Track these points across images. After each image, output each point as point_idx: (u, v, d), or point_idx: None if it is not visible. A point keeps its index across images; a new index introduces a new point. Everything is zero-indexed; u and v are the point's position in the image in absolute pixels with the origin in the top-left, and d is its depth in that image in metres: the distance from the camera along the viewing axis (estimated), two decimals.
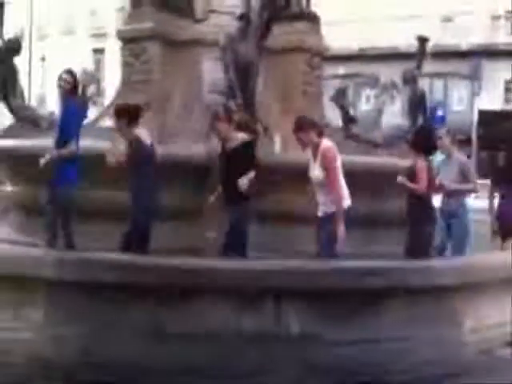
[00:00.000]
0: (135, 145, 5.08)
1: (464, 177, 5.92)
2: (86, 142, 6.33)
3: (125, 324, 3.47)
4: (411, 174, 5.39)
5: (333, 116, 8.85)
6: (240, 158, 5.11)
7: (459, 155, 6.14)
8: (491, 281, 4.14)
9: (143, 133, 5.19)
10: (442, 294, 3.92)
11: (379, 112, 9.12)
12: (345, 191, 4.92)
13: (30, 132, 6.97)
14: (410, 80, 7.97)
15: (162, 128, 6.94)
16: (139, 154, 5.05)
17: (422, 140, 5.54)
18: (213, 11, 7.44)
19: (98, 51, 25.06)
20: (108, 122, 7.73)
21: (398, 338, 3.74)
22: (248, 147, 5.17)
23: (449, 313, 3.95)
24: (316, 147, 4.90)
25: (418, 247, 5.17)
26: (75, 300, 3.52)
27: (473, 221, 6.10)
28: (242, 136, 5.26)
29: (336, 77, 16.37)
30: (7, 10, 7.62)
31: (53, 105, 19.48)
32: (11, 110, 7.57)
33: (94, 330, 3.49)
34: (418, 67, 8.02)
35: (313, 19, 7.64)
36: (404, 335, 3.76)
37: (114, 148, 5.25)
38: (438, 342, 3.80)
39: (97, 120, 7.89)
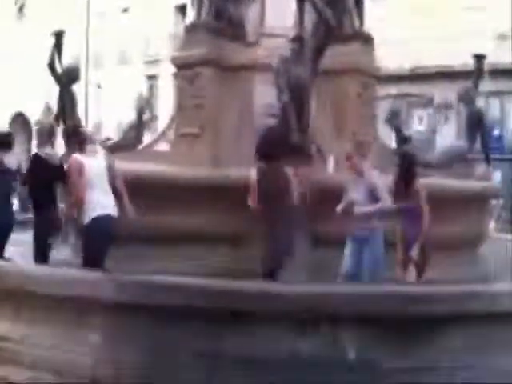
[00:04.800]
0: None
1: (374, 198, 5.27)
2: (139, 166, 6.45)
3: (183, 347, 3.46)
4: None
5: (386, 137, 8.75)
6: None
7: (370, 173, 5.41)
8: None
9: (7, 157, 5.87)
10: (502, 320, 3.76)
11: (433, 132, 8.95)
12: (91, 202, 5.21)
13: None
14: (466, 99, 7.78)
15: (215, 152, 7.00)
16: None
17: (262, 146, 5.20)
18: (265, 34, 7.48)
19: (152, 77, 25.64)
20: (162, 147, 7.88)
21: (458, 366, 3.60)
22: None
23: (509, 340, 3.78)
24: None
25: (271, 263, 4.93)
26: (133, 323, 3.54)
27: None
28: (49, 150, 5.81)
29: (388, 97, 16.18)
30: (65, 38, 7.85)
31: (109, 131, 19.97)
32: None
33: (152, 353, 3.49)
34: (475, 86, 7.82)
35: (366, 40, 7.58)
36: (464, 364, 3.62)
37: None
38: (497, 370, 3.64)
39: (151, 144, 8.03)
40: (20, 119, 27.33)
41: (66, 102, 7.69)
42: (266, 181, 5.05)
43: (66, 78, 7.63)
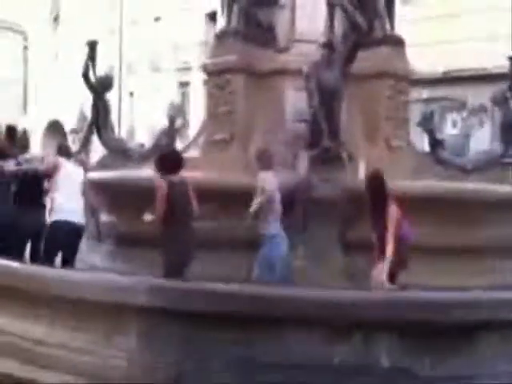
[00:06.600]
0: None
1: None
2: None
3: (216, 353, 3.47)
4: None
5: (419, 141, 8.64)
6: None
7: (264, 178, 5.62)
8: None
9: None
10: None
11: (467, 136, 8.81)
12: (56, 205, 5.65)
13: (122, 163, 7.24)
14: (501, 102, 7.64)
15: (247, 157, 7.01)
16: None
17: (161, 159, 5.34)
18: (296, 40, 7.48)
19: (184, 84, 25.87)
20: (194, 153, 7.93)
21: (494, 374, 3.53)
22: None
23: None
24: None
25: (168, 267, 4.99)
26: (167, 328, 3.56)
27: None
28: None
29: (421, 100, 16.01)
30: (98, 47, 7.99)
31: (142, 137, 20.20)
32: (103, 143, 7.92)
33: (186, 358, 3.51)
34: (510, 88, 7.67)
35: (397, 43, 7.52)
36: (501, 372, 3.55)
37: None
38: None
39: (183, 151, 8.09)
40: (55, 127, 27.86)
41: (100, 110, 7.81)
42: (174, 193, 5.13)
43: (100, 87, 7.75)
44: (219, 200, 5.83)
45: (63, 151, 6.31)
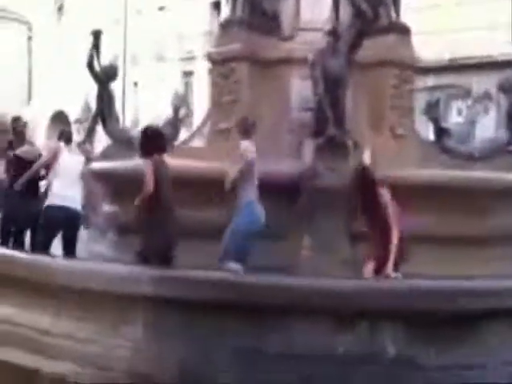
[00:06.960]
0: None
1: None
2: (178, 162, 6.50)
3: (221, 342, 3.48)
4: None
5: (425, 129, 8.60)
6: None
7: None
8: None
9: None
10: None
11: (472, 124, 8.78)
12: (52, 190, 5.76)
13: (126, 153, 7.24)
14: (508, 89, 7.59)
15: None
16: None
17: (146, 141, 5.26)
18: (300, 28, 7.43)
19: (188, 74, 25.79)
20: (198, 143, 7.91)
21: (498, 363, 3.52)
22: None
23: None
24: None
25: (150, 251, 4.91)
26: (173, 317, 3.56)
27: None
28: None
29: (425, 89, 15.91)
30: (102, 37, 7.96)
31: None
32: (108, 133, 7.91)
33: (192, 347, 3.51)
34: None
35: (403, 31, 7.46)
36: (505, 360, 3.54)
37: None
38: None
39: (188, 140, 8.08)
40: (60, 117, 27.86)
41: (105, 100, 7.80)
42: (161, 173, 5.06)
43: (105, 77, 7.73)
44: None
45: (64, 136, 6.28)
